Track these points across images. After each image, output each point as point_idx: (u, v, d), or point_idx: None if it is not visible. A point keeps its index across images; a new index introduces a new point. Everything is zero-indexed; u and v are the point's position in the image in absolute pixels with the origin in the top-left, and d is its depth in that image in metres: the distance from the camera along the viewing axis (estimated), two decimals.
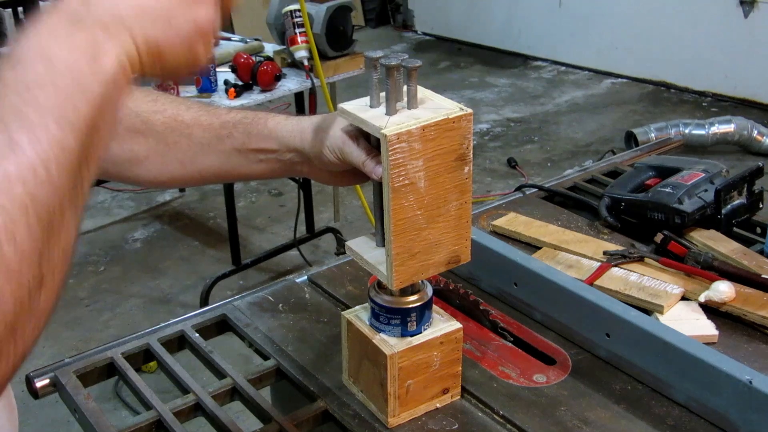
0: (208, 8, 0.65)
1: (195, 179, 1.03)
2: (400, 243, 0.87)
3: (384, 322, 0.96)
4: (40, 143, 0.51)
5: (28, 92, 0.53)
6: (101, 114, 0.56)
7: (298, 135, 0.97)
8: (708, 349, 0.99)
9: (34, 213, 0.50)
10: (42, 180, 0.51)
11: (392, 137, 0.82)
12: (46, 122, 0.52)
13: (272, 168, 1.00)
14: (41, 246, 0.51)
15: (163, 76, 0.68)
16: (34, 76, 0.54)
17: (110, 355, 1.14)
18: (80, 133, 0.54)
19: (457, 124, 0.86)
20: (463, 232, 0.92)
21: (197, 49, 0.65)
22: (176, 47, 0.63)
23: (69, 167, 0.53)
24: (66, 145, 0.53)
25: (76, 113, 0.54)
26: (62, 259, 0.54)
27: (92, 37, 0.57)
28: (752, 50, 5.06)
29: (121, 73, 0.58)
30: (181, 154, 0.99)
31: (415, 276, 0.91)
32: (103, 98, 0.56)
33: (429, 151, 0.85)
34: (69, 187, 0.53)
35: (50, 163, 0.51)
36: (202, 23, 0.64)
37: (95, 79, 0.56)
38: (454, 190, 0.89)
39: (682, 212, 1.32)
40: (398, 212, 0.86)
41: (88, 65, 0.56)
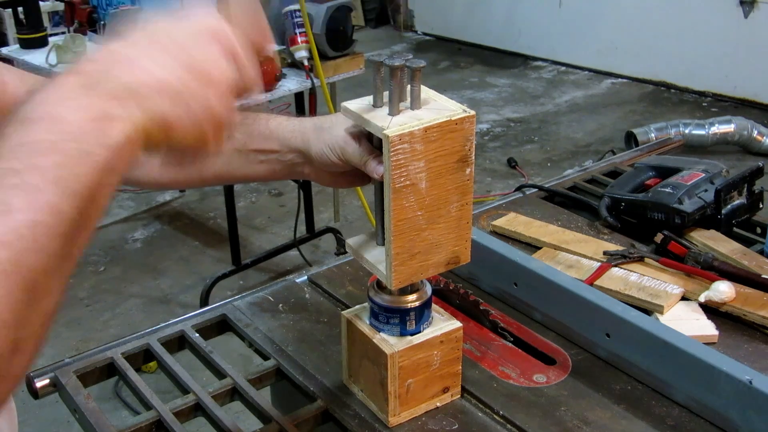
0: (226, 98, 0.64)
1: (195, 180, 1.03)
2: (400, 243, 0.87)
3: (383, 322, 0.96)
4: (34, 208, 0.50)
5: (30, 155, 0.52)
6: (102, 183, 0.55)
7: (300, 135, 0.97)
8: (708, 349, 0.99)
9: (16, 278, 0.49)
10: (29, 245, 0.49)
11: (394, 138, 0.82)
12: (43, 186, 0.51)
13: (273, 169, 1.00)
14: (20, 312, 0.49)
15: (169, 156, 0.67)
16: (39, 139, 0.53)
17: (110, 355, 1.14)
18: (78, 200, 0.53)
19: (459, 125, 0.86)
20: (464, 233, 0.92)
21: (208, 134, 0.64)
22: (187, 127, 0.62)
23: (61, 234, 0.52)
24: (61, 210, 0.51)
25: (76, 180, 0.53)
26: (42, 325, 0.52)
27: (104, 106, 0.56)
28: (752, 50, 5.06)
29: (127, 144, 0.57)
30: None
31: (415, 276, 0.91)
32: (106, 167, 0.55)
33: (431, 153, 0.85)
34: (58, 253, 0.52)
35: (40, 229, 0.50)
36: (218, 113, 0.64)
37: (101, 147, 0.55)
38: (455, 192, 0.89)
39: (682, 212, 1.32)
40: (399, 212, 0.86)
41: (95, 133, 0.55)
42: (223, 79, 0.64)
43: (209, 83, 0.63)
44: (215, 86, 0.63)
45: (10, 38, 4.41)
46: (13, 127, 0.54)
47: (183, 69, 0.61)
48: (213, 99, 0.63)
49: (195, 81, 0.62)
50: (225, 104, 0.64)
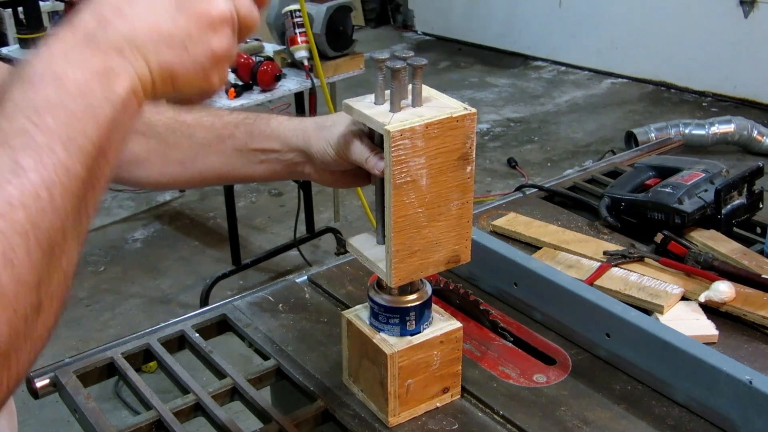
0: (226, 36, 0.64)
1: (196, 180, 1.03)
2: (400, 240, 0.87)
3: (383, 322, 0.96)
4: (46, 167, 0.50)
5: (37, 115, 0.51)
6: (110, 138, 0.55)
7: (301, 134, 0.97)
8: (708, 349, 0.99)
9: (35, 239, 0.49)
10: (45, 205, 0.50)
11: (395, 133, 0.82)
12: (53, 146, 0.51)
13: (274, 169, 1.00)
14: (40, 272, 0.50)
15: (175, 100, 0.67)
16: (44, 98, 0.52)
17: (110, 355, 1.14)
18: (87, 158, 0.53)
19: (460, 123, 0.86)
20: (464, 231, 0.92)
21: (212, 76, 0.64)
22: (190, 73, 0.62)
23: (74, 192, 0.52)
24: (72, 169, 0.52)
25: (84, 137, 0.53)
26: (62, 285, 0.52)
27: (106, 60, 0.56)
28: (752, 50, 5.07)
29: (133, 97, 0.57)
30: (182, 154, 0.99)
31: (415, 274, 0.91)
32: (113, 122, 0.55)
33: (431, 149, 0.85)
34: (72, 212, 0.52)
35: (54, 188, 0.50)
36: (219, 51, 0.63)
37: (106, 102, 0.55)
38: (455, 189, 0.89)
39: (682, 212, 1.32)
40: (399, 209, 0.86)
41: (100, 88, 0.55)
42: (221, 17, 0.63)
43: (207, 23, 0.62)
44: (213, 26, 0.62)
45: (10, 38, 4.41)
46: (17, 86, 0.53)
47: (178, 12, 0.61)
48: (213, 39, 0.62)
49: (192, 23, 0.61)
50: (225, 42, 0.63)
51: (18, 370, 0.50)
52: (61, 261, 0.52)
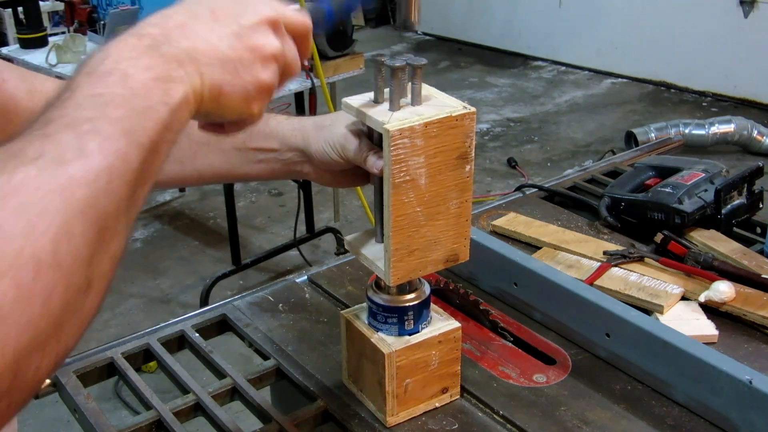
0: (273, 72, 0.69)
1: (194, 179, 1.03)
2: (399, 239, 0.87)
3: (381, 321, 0.96)
4: (108, 153, 0.53)
5: (104, 105, 0.55)
6: (163, 138, 0.59)
7: (300, 134, 0.97)
8: (708, 349, 0.99)
9: (91, 217, 0.52)
10: (103, 188, 0.52)
11: (395, 132, 0.82)
12: (116, 135, 0.54)
13: (272, 168, 1.00)
14: (93, 251, 0.52)
15: (215, 118, 0.71)
16: (111, 92, 0.56)
17: (110, 355, 1.14)
18: (143, 151, 0.56)
19: (460, 122, 0.86)
20: (463, 230, 0.92)
21: (253, 104, 0.69)
22: (236, 96, 0.67)
23: (129, 181, 0.55)
24: (129, 159, 0.55)
25: (142, 132, 0.57)
26: (110, 267, 0.55)
27: (167, 68, 0.60)
28: (752, 50, 5.07)
29: (185, 105, 0.62)
30: (181, 153, 0.99)
31: (413, 273, 0.91)
32: (167, 124, 0.59)
33: (431, 148, 0.85)
34: (126, 199, 0.55)
35: (113, 174, 0.53)
36: (264, 82, 0.68)
37: (164, 105, 0.59)
38: (454, 188, 0.89)
39: (682, 212, 1.32)
40: (398, 208, 0.86)
41: (159, 92, 0.59)
42: (271, 52, 0.68)
43: (260, 56, 0.68)
44: (265, 59, 0.68)
45: (10, 38, 4.41)
46: (84, 78, 0.57)
47: (237, 40, 0.66)
48: (261, 71, 0.68)
49: (247, 52, 0.67)
50: (271, 77, 0.69)
51: (66, 344, 0.52)
52: (111, 244, 0.54)
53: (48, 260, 0.49)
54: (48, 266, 0.48)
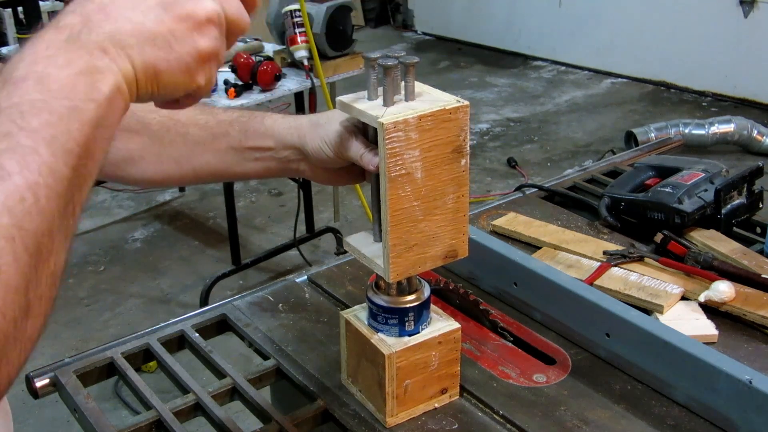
0: (212, 37, 0.63)
1: (191, 178, 1.03)
2: (397, 234, 0.87)
3: (382, 322, 0.96)
4: (30, 170, 0.50)
5: (21, 116, 0.51)
6: (95, 137, 0.55)
7: (296, 132, 0.97)
8: (708, 349, 0.99)
9: (21, 242, 0.49)
10: (30, 208, 0.49)
11: (389, 125, 0.82)
12: (37, 147, 0.50)
13: (268, 167, 1.00)
14: (28, 275, 0.49)
15: (164, 103, 0.67)
16: (27, 99, 0.52)
17: (110, 355, 1.14)
18: (72, 158, 0.52)
19: (453, 115, 0.86)
20: (460, 225, 0.92)
21: (197, 76, 0.63)
22: (175, 72, 0.61)
23: (59, 193, 0.51)
24: (57, 170, 0.51)
25: (69, 137, 0.52)
26: (50, 285, 0.52)
27: (90, 59, 0.55)
28: (752, 50, 5.06)
29: (118, 95, 0.57)
30: (177, 152, 0.99)
31: (412, 269, 0.91)
32: (97, 121, 0.55)
33: (425, 142, 0.85)
34: (59, 212, 0.52)
35: (39, 191, 0.50)
36: (205, 51, 0.62)
37: (91, 101, 0.54)
38: (450, 183, 0.89)
39: (682, 212, 1.32)
40: (395, 203, 0.86)
41: (84, 87, 0.54)
42: (205, 15, 0.62)
43: (193, 23, 0.61)
44: (199, 26, 0.62)
45: (10, 38, 4.41)
46: (2, 85, 0.53)
47: (164, 12, 0.60)
48: (199, 39, 0.62)
49: (178, 23, 0.60)
50: (212, 43, 0.63)
51: (9, 373, 0.50)
52: (49, 262, 0.52)
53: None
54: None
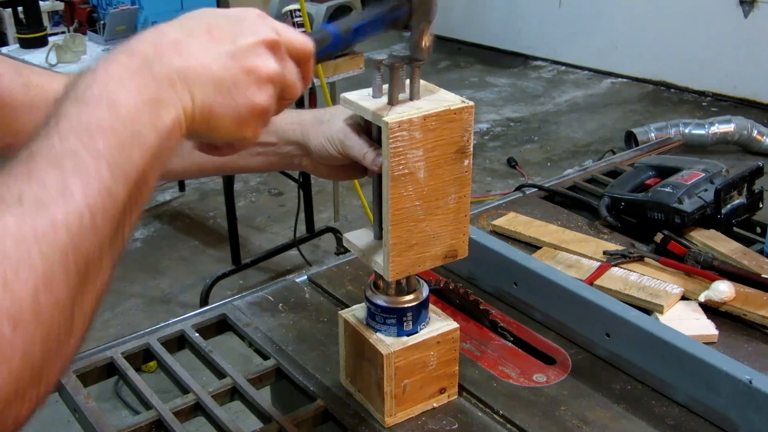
0: (269, 95, 0.67)
1: (194, 171, 1.03)
2: (398, 233, 0.87)
3: (380, 322, 0.96)
4: (91, 190, 0.52)
5: (89, 136, 0.53)
6: (152, 166, 0.57)
7: (299, 128, 0.97)
8: (708, 348, 0.99)
9: (74, 261, 0.50)
10: (86, 228, 0.51)
11: (393, 125, 0.82)
12: (100, 169, 0.53)
13: (270, 161, 1.00)
14: (76, 293, 0.51)
15: (204, 141, 0.70)
16: (97, 121, 0.54)
17: (110, 355, 1.14)
18: (130, 183, 0.55)
19: (458, 115, 0.86)
20: (461, 226, 0.92)
21: (246, 127, 0.66)
22: (228, 118, 0.64)
23: (114, 215, 0.53)
24: (115, 193, 0.53)
25: (130, 163, 0.55)
26: (94, 305, 0.54)
27: (157, 89, 0.59)
28: (752, 50, 5.07)
29: (177, 128, 0.60)
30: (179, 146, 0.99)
31: (412, 268, 0.91)
32: (156, 151, 0.58)
33: (429, 142, 0.85)
34: (111, 234, 0.53)
35: (97, 211, 0.52)
36: (259, 106, 0.66)
37: (153, 130, 0.57)
38: (453, 183, 0.89)
39: (682, 212, 1.32)
40: (397, 202, 0.86)
41: (148, 116, 0.57)
42: (267, 74, 0.66)
43: (255, 78, 0.65)
44: (260, 81, 0.66)
45: (10, 38, 4.41)
46: (72, 103, 0.55)
47: (232, 60, 0.64)
48: (257, 94, 0.65)
49: (242, 73, 0.64)
50: (267, 100, 0.67)
51: (47, 386, 0.51)
52: (96, 282, 0.53)
53: (27, 313, 0.47)
54: (28, 319, 0.47)
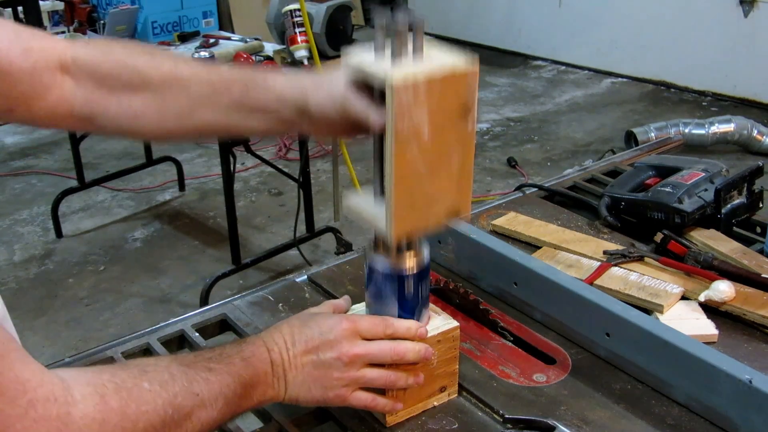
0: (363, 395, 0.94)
1: (191, 134, 1.02)
2: (401, 194, 0.86)
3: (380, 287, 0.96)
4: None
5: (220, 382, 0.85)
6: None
7: (299, 91, 0.95)
8: (708, 348, 0.99)
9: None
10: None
11: (398, 85, 0.81)
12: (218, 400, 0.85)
13: (269, 125, 0.99)
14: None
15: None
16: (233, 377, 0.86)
17: (110, 355, 1.14)
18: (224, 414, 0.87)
19: (462, 77, 0.85)
20: (465, 186, 0.91)
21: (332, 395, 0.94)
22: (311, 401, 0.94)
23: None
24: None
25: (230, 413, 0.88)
26: None
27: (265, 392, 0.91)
28: (752, 50, 5.07)
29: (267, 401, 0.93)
30: (179, 108, 0.98)
31: (415, 228, 0.90)
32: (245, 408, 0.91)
33: (433, 102, 0.84)
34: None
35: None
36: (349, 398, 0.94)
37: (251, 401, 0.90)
38: (456, 144, 0.88)
39: (682, 212, 1.32)
40: (400, 162, 0.84)
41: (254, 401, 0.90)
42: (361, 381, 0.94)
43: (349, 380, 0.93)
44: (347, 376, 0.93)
45: None
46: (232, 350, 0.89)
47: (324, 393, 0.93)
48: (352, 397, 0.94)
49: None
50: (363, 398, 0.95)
51: None
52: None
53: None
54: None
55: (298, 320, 0.95)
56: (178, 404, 0.79)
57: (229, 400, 0.84)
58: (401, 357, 0.93)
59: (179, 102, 0.98)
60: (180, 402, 0.79)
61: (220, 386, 0.84)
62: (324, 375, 0.91)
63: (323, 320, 0.94)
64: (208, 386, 0.83)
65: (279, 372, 0.90)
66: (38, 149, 4.86)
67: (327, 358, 0.91)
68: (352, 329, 0.92)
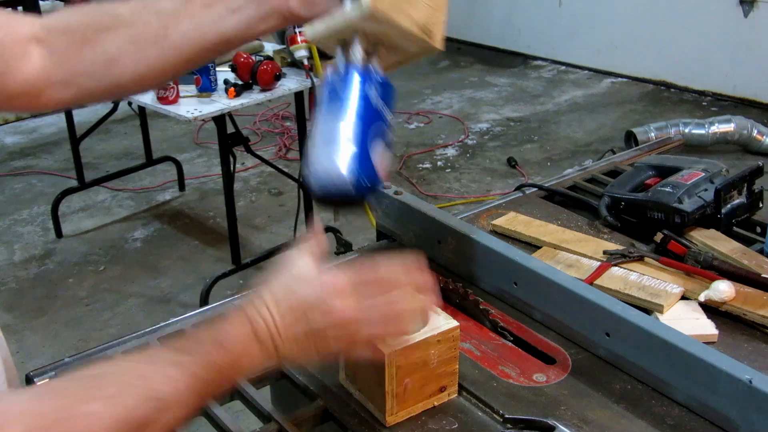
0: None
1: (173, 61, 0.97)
2: None
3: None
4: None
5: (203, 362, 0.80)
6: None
7: None
8: (708, 348, 0.99)
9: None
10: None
11: None
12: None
13: (248, 17, 0.94)
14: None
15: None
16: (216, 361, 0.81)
17: (110, 355, 1.13)
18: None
19: None
20: (438, 15, 0.91)
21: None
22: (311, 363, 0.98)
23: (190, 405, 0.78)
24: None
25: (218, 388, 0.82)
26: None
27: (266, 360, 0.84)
28: (752, 50, 5.07)
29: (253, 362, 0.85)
30: (153, 32, 0.95)
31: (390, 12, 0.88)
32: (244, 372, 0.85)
33: None
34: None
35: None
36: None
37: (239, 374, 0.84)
38: None
39: (682, 212, 1.32)
40: None
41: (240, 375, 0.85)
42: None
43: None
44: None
45: None
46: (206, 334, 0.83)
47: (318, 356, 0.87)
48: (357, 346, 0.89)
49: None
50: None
51: None
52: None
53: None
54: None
55: (280, 286, 0.88)
56: (132, 417, 0.73)
57: (200, 391, 0.79)
58: (397, 316, 0.88)
59: (152, 25, 0.95)
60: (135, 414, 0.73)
61: (188, 381, 0.78)
62: (319, 341, 0.85)
63: (307, 283, 0.87)
64: (173, 385, 0.76)
65: (268, 346, 0.84)
66: (38, 149, 4.87)
67: (319, 325, 0.85)
68: (340, 288, 0.86)
